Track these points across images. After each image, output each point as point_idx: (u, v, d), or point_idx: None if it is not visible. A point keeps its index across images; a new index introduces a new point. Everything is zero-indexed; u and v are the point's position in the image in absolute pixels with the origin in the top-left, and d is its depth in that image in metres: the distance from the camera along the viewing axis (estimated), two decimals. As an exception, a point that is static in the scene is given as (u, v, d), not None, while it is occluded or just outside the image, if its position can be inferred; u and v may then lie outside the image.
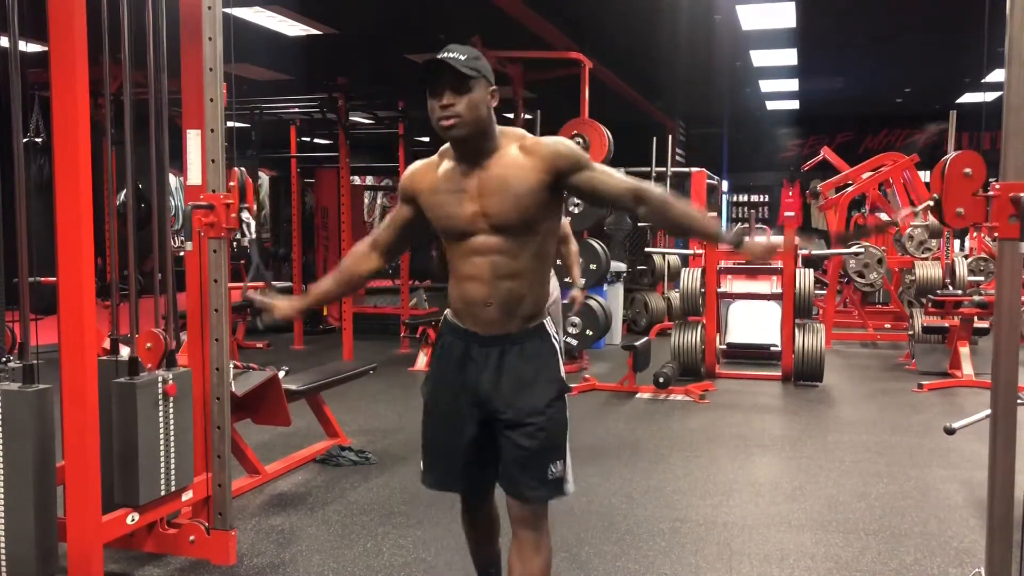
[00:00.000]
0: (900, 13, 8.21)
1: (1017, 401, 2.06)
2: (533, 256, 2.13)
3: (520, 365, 2.16)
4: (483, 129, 2.09)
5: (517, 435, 2.15)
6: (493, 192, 2.08)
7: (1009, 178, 1.98)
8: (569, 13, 7.68)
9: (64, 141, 2.55)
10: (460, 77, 2.06)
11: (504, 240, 2.10)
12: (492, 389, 2.16)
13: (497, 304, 2.13)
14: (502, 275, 2.12)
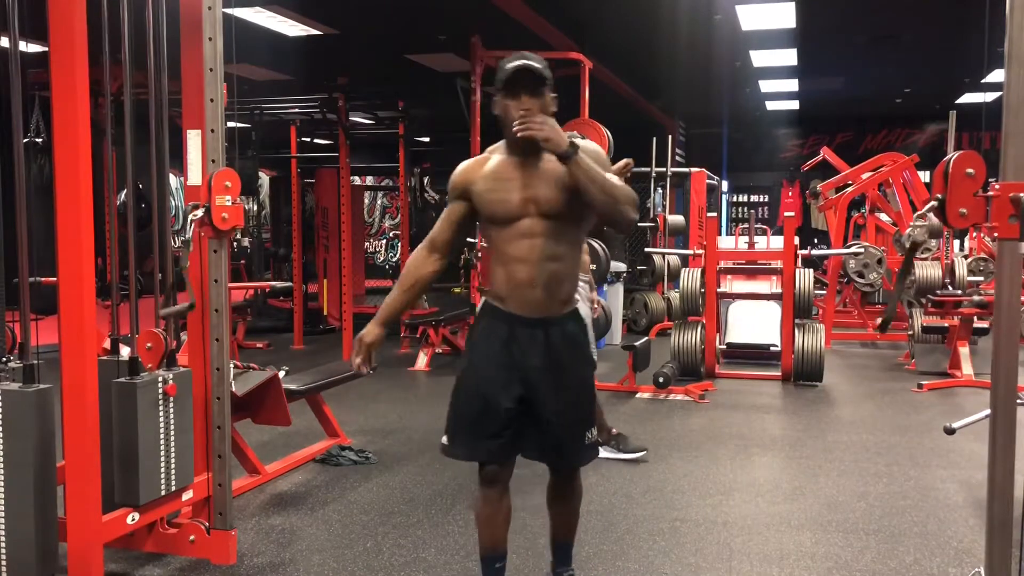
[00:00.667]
0: (900, 13, 8.20)
1: (1017, 401, 2.06)
2: (571, 243, 2.40)
3: (563, 346, 2.41)
4: None
5: (565, 410, 2.42)
6: (543, 182, 2.34)
7: (1009, 178, 1.98)
8: (569, 13, 7.67)
9: (64, 141, 2.55)
10: (538, 83, 2.32)
11: (549, 225, 2.33)
12: (540, 368, 2.39)
13: (542, 285, 2.35)
14: (547, 257, 2.34)
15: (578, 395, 2.48)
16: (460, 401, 2.50)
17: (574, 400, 2.46)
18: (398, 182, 9.16)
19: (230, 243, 3.03)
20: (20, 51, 2.68)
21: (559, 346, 2.41)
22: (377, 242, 16.75)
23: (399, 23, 7.56)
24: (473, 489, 2.60)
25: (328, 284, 9.59)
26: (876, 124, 15.45)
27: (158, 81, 2.93)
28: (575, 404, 2.46)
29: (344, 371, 4.92)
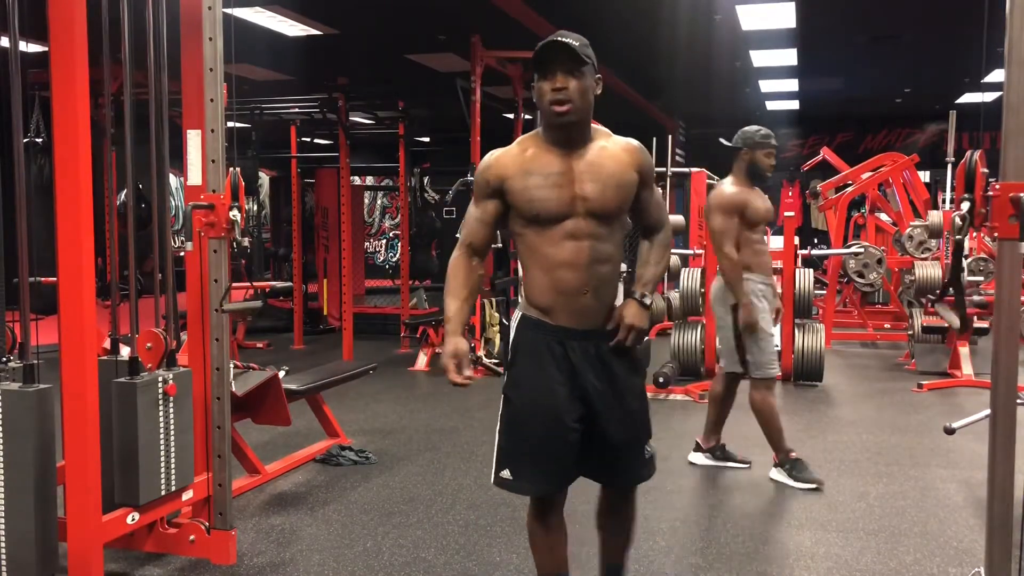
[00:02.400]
0: (900, 13, 8.20)
1: (1017, 401, 2.06)
2: (616, 245, 2.23)
3: (616, 360, 2.24)
4: (587, 117, 2.15)
5: (625, 425, 2.26)
6: (593, 178, 2.14)
7: (1009, 178, 1.98)
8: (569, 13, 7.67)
9: (64, 141, 2.55)
10: (574, 61, 2.08)
11: (598, 225, 2.15)
12: (597, 384, 2.21)
13: (592, 291, 2.18)
14: (597, 260, 2.17)
15: (635, 407, 2.30)
16: (517, 429, 2.25)
17: (632, 413, 2.28)
18: (398, 182, 9.16)
19: (230, 243, 3.03)
20: (20, 51, 2.68)
21: (613, 361, 2.24)
22: (377, 242, 16.75)
23: (399, 23, 7.56)
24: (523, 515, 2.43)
25: (328, 284, 9.59)
26: (876, 124, 15.45)
27: (158, 81, 2.93)
28: (633, 417, 2.29)
29: (344, 371, 4.92)
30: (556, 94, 2.08)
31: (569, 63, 2.08)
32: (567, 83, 2.08)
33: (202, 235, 2.96)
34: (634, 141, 2.24)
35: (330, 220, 9.65)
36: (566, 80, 2.08)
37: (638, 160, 2.22)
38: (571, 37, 2.11)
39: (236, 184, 2.94)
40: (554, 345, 2.20)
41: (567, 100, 2.08)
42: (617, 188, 2.16)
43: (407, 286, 8.99)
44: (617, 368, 2.24)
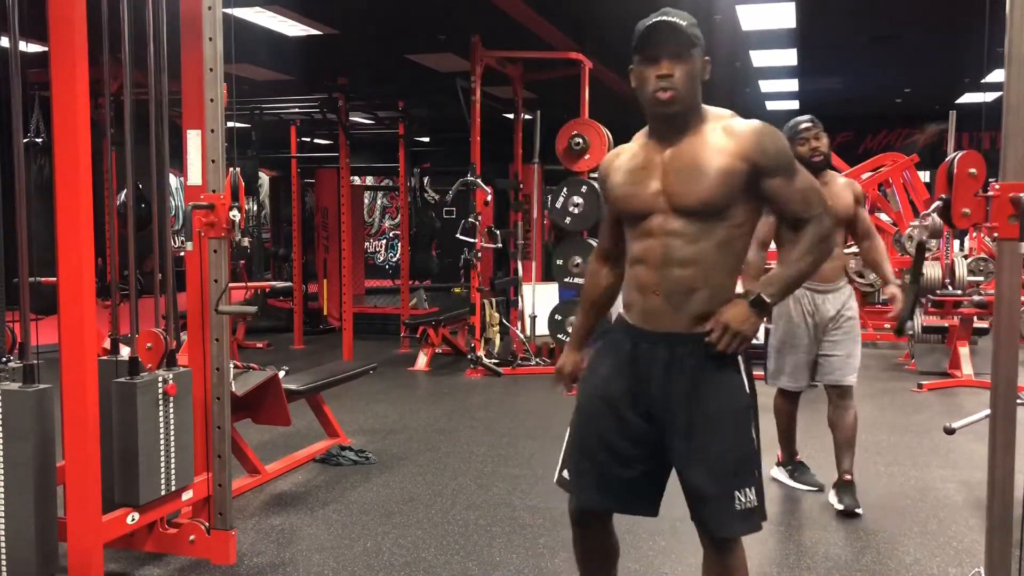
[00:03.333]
0: (900, 13, 8.20)
1: (1017, 401, 2.06)
2: (715, 247, 1.92)
3: (694, 370, 1.94)
4: (695, 103, 1.94)
5: (697, 456, 1.92)
6: (680, 170, 1.92)
7: (1009, 178, 1.98)
8: (569, 13, 7.67)
9: (64, 141, 2.55)
10: (682, 43, 1.87)
11: (683, 223, 1.92)
12: (663, 397, 1.95)
13: (664, 293, 1.95)
14: (673, 261, 1.93)
15: (717, 437, 1.92)
16: (573, 425, 2.10)
17: (710, 444, 1.91)
18: (398, 182, 9.16)
19: (230, 243, 3.03)
20: (20, 51, 2.68)
21: (688, 370, 1.94)
22: (377, 242, 16.75)
23: (399, 23, 7.56)
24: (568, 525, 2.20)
25: (328, 284, 9.59)
26: (876, 124, 15.44)
27: (158, 81, 2.93)
28: (711, 449, 1.91)
29: (344, 371, 4.92)
30: (661, 81, 1.87)
31: (676, 46, 1.87)
32: (673, 69, 1.87)
33: (202, 235, 2.96)
34: (752, 123, 1.93)
35: (330, 220, 9.65)
36: (672, 66, 1.87)
37: (745, 145, 1.89)
38: (677, 15, 1.89)
39: (236, 184, 2.94)
40: (625, 343, 2.01)
41: (672, 88, 1.87)
42: (702, 180, 1.88)
43: (407, 286, 8.99)
44: (694, 385, 1.93)
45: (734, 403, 1.95)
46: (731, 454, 1.93)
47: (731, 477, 1.91)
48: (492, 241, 7.12)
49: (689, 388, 1.93)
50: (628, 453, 2.00)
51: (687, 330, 1.95)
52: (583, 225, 6.94)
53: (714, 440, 1.92)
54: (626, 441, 2.00)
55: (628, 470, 2.01)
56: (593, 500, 2.08)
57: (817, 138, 3.58)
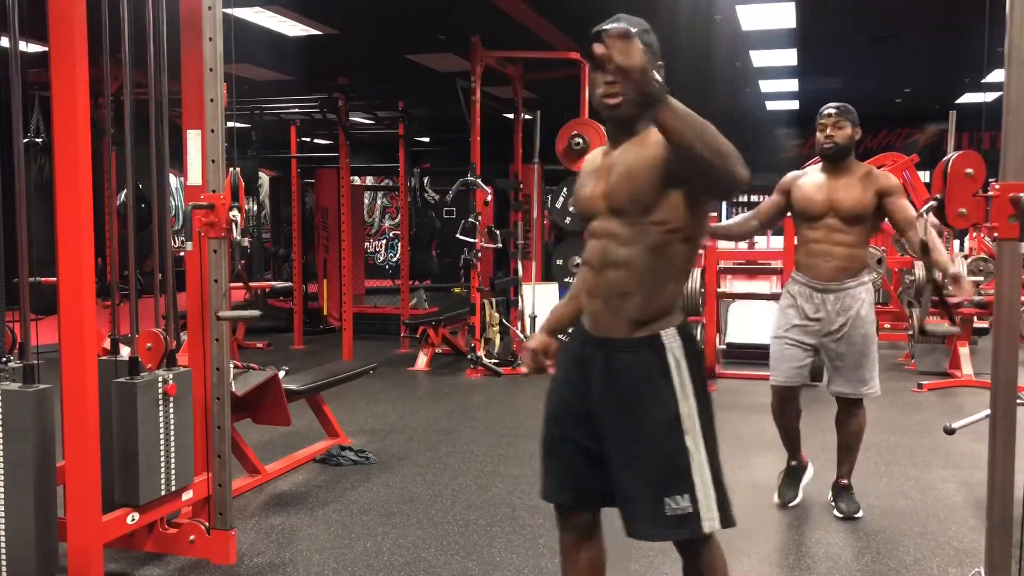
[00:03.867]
0: (900, 13, 8.20)
1: (1017, 401, 2.06)
2: (648, 250, 1.90)
3: (627, 378, 1.95)
4: (644, 109, 1.92)
5: (629, 462, 1.95)
6: (619, 172, 1.94)
7: (1009, 178, 1.98)
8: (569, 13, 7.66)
9: (64, 141, 2.55)
10: None
11: (617, 224, 1.93)
12: (599, 399, 1.98)
13: (602, 296, 1.97)
14: (610, 263, 1.94)
15: (646, 444, 1.93)
16: (543, 427, 2.13)
17: (639, 450, 1.93)
18: (398, 182, 9.16)
19: (230, 243, 3.03)
20: (20, 51, 2.68)
21: (622, 376, 1.95)
22: (377, 242, 16.75)
23: (399, 23, 7.56)
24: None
25: (328, 284, 9.59)
26: (876, 124, 15.43)
27: (158, 81, 2.93)
28: (640, 456, 1.93)
29: (344, 371, 4.92)
30: (609, 87, 1.91)
31: None
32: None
33: (202, 235, 2.96)
34: None
35: (330, 220, 9.65)
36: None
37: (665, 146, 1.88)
38: (627, 21, 1.92)
39: (236, 184, 2.95)
40: (576, 345, 2.06)
41: (620, 94, 1.90)
42: (634, 177, 1.90)
43: (407, 286, 8.99)
44: (628, 392, 1.95)
45: (665, 411, 1.92)
46: (660, 461, 1.92)
47: (660, 483, 1.91)
48: (492, 241, 7.12)
49: (622, 394, 1.95)
50: (585, 450, 2.02)
51: (623, 335, 1.96)
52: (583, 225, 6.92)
53: (643, 447, 1.93)
54: (582, 439, 2.02)
55: (588, 467, 2.03)
56: (556, 495, 2.12)
57: (836, 127, 3.44)
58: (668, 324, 1.96)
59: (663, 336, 1.95)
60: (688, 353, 1.96)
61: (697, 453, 1.92)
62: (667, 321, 1.96)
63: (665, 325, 1.96)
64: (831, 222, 3.43)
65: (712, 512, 1.92)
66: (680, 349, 1.95)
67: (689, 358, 1.96)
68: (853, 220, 3.40)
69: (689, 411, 1.93)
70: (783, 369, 3.61)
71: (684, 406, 1.93)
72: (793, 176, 3.66)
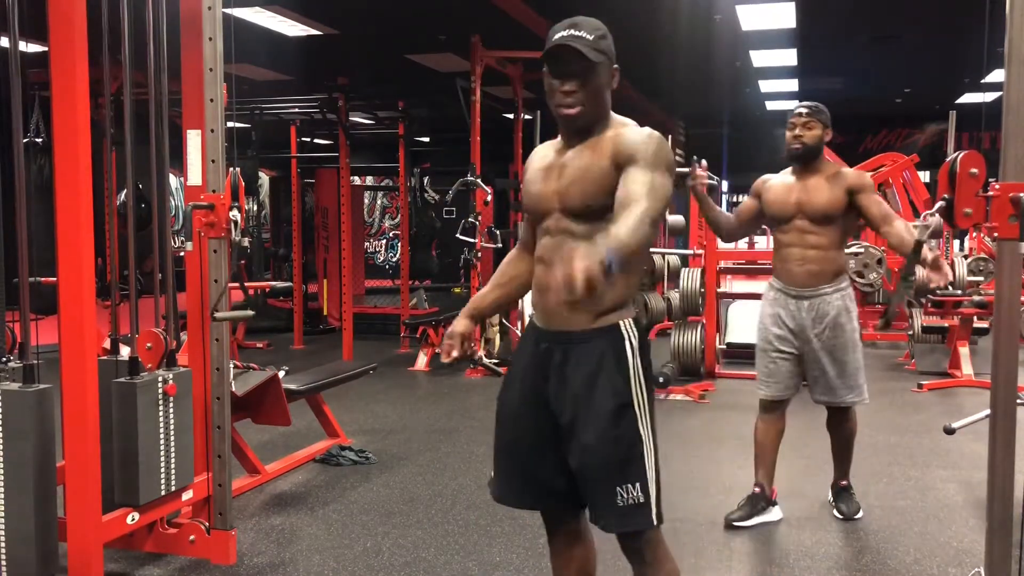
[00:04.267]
0: (900, 13, 8.20)
1: (1017, 401, 2.06)
2: None
3: (581, 369, 1.96)
4: (600, 114, 1.99)
5: (585, 454, 1.95)
6: (572, 172, 1.97)
7: (1009, 178, 1.98)
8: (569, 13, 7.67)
9: (64, 141, 2.55)
10: (586, 65, 1.91)
11: (572, 222, 1.96)
12: (556, 395, 1.99)
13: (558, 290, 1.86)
14: (565, 258, 1.93)
15: (601, 437, 1.93)
16: (496, 434, 2.13)
17: (592, 440, 1.94)
18: (398, 182, 9.16)
19: (230, 243, 3.03)
20: (20, 51, 2.68)
21: (577, 368, 1.97)
22: (377, 242, 16.75)
23: (399, 23, 7.56)
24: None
25: (328, 284, 9.59)
26: (876, 124, 15.46)
27: (158, 81, 2.93)
28: (597, 449, 1.94)
29: (344, 371, 4.92)
30: (566, 97, 1.94)
31: (580, 64, 1.91)
32: (576, 87, 1.92)
33: (202, 235, 2.96)
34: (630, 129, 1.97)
35: (330, 220, 9.65)
36: (576, 84, 1.92)
37: (616, 145, 1.93)
38: (586, 28, 1.95)
39: (236, 184, 2.95)
40: (531, 342, 2.07)
41: (576, 104, 1.93)
42: (586, 183, 1.94)
43: (407, 286, 8.99)
44: (583, 384, 1.96)
45: (620, 398, 1.95)
46: (613, 450, 1.94)
47: (613, 473, 1.93)
48: (492, 241, 7.12)
49: (577, 386, 1.96)
50: (540, 451, 2.03)
51: (581, 327, 1.97)
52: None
53: (596, 436, 1.94)
54: (538, 439, 2.03)
55: (543, 468, 2.04)
56: (509, 497, 2.14)
57: (806, 127, 3.34)
58: (625, 316, 1.99)
59: (622, 326, 1.98)
60: (642, 343, 2.01)
61: (648, 443, 1.98)
62: (624, 312, 1.99)
63: (623, 316, 1.99)
64: (801, 224, 3.36)
65: (659, 505, 1.96)
66: (636, 339, 1.99)
67: (642, 350, 2.01)
68: (823, 220, 3.33)
69: (641, 400, 1.99)
70: (768, 382, 3.59)
71: (638, 395, 1.99)
72: (764, 179, 3.56)
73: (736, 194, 16.77)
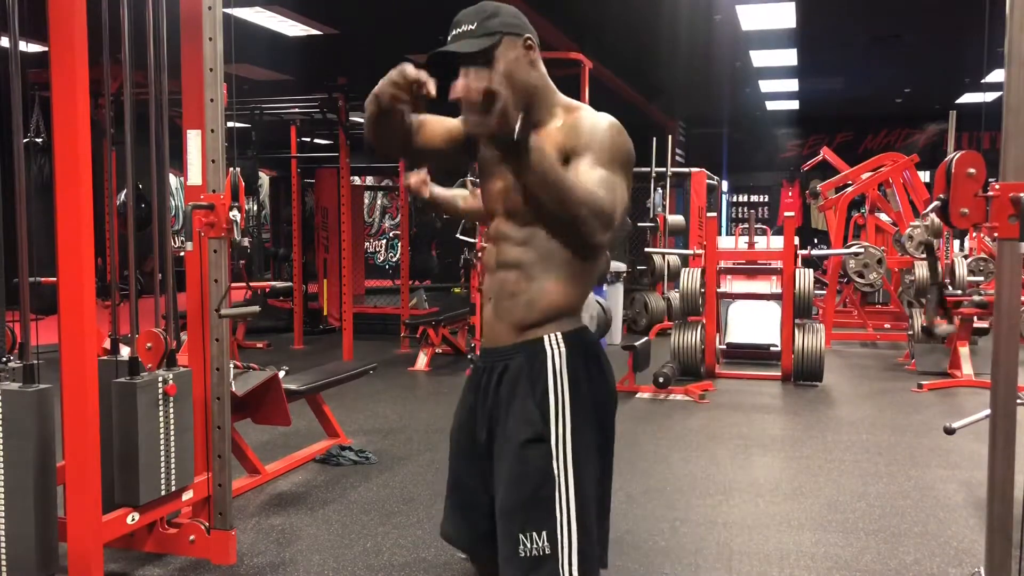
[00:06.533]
0: (900, 13, 8.21)
1: (1017, 401, 2.06)
2: (541, 252, 1.68)
3: (501, 394, 1.71)
4: (528, 97, 1.69)
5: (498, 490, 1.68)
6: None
7: (1009, 178, 1.98)
8: (569, 13, 7.67)
9: (64, 141, 2.55)
10: (479, 60, 1.62)
11: (513, 226, 1.71)
12: (484, 420, 1.75)
13: (494, 298, 1.75)
14: (502, 263, 1.73)
15: (511, 472, 1.64)
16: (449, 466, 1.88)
17: (506, 478, 1.65)
18: (398, 182, 9.16)
19: (230, 243, 3.03)
20: (20, 51, 2.68)
21: (502, 389, 1.71)
22: (377, 242, 16.74)
23: (399, 23, 7.57)
24: None
25: (328, 284, 9.60)
26: (876, 124, 15.46)
27: (158, 81, 2.93)
28: (501, 488, 1.66)
29: (344, 371, 4.92)
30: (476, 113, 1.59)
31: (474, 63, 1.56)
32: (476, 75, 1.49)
33: (202, 235, 2.96)
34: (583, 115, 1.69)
35: (330, 220, 9.65)
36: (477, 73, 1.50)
37: (565, 131, 1.68)
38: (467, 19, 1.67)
39: (236, 184, 2.95)
40: (477, 365, 1.82)
41: None
42: None
43: (407, 286, 8.99)
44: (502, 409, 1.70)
45: (527, 431, 1.64)
46: (516, 490, 1.63)
47: (516, 517, 1.62)
48: (492, 241, 7.11)
49: (498, 407, 1.71)
50: (481, 487, 1.75)
51: (507, 342, 1.72)
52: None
53: (502, 473, 1.67)
54: (477, 472, 1.76)
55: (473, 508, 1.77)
56: (449, 534, 1.86)
57: None
58: (556, 328, 1.70)
59: (545, 340, 1.69)
60: (575, 362, 1.69)
61: (563, 483, 1.62)
62: (555, 325, 1.70)
63: (551, 330, 1.69)
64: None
65: (571, 557, 1.62)
66: (564, 356, 1.68)
67: (576, 368, 1.68)
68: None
69: (562, 432, 1.64)
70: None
71: (556, 425, 1.64)
72: None
73: (736, 194, 16.78)
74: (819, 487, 4.00)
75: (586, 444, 1.66)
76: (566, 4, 7.46)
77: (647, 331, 8.55)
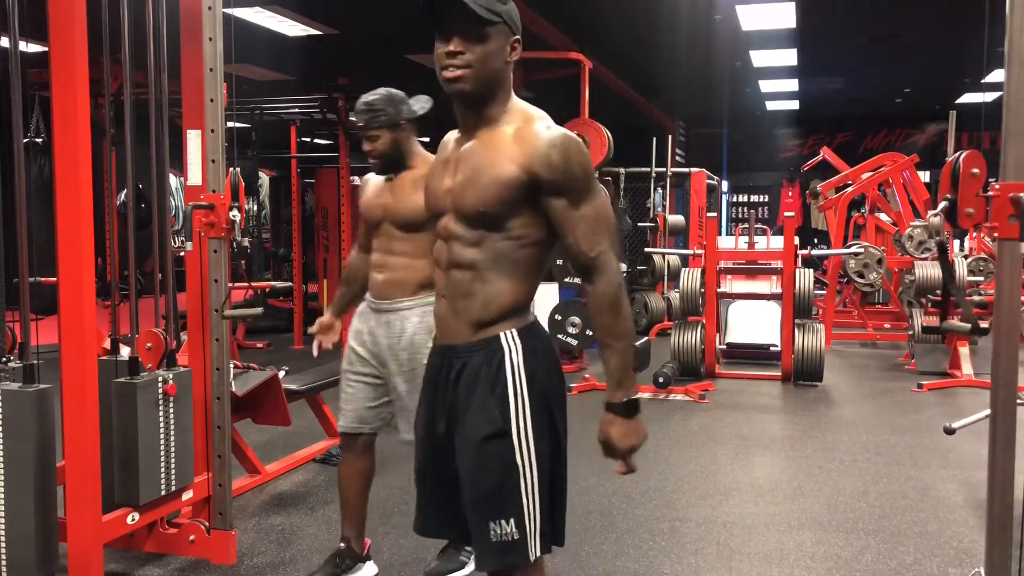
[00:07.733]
0: (900, 13, 8.21)
1: (1017, 401, 2.06)
2: (493, 254, 1.74)
3: (461, 389, 1.78)
4: (493, 89, 1.74)
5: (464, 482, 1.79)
6: (466, 171, 1.74)
7: (1009, 178, 1.98)
8: (569, 13, 7.67)
9: (64, 141, 2.55)
10: (476, 20, 1.67)
11: (464, 227, 1.74)
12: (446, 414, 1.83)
13: (448, 296, 1.79)
14: (454, 263, 1.76)
15: (476, 466, 1.75)
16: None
17: (470, 472, 1.76)
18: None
19: (230, 243, 3.03)
20: (20, 51, 2.68)
21: (461, 386, 1.78)
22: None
23: (399, 23, 7.56)
24: None
25: (328, 284, 9.59)
26: (876, 124, 15.46)
27: (158, 81, 2.93)
28: (468, 481, 1.77)
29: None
30: (450, 59, 1.68)
31: (468, 23, 1.66)
32: (464, 47, 1.67)
33: (202, 235, 2.96)
34: (550, 132, 1.73)
35: (330, 220, 9.65)
36: (463, 44, 1.67)
37: (530, 153, 1.68)
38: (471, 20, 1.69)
39: (236, 184, 2.94)
40: (433, 359, 1.88)
41: (459, 66, 1.68)
42: (483, 188, 1.70)
43: (407, 286, 8.97)
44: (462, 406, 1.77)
45: (493, 424, 1.72)
46: (483, 482, 1.74)
47: (485, 507, 1.74)
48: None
49: (459, 404, 1.78)
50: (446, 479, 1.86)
51: (464, 340, 1.77)
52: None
53: (467, 467, 1.77)
54: (442, 465, 1.87)
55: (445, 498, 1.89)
56: (421, 527, 2.02)
57: (370, 139, 2.78)
58: (510, 326, 1.76)
59: (502, 338, 1.75)
60: (530, 357, 1.76)
61: (527, 471, 1.73)
62: (510, 323, 1.76)
63: (507, 327, 1.76)
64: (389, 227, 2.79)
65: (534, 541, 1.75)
66: (520, 353, 1.75)
67: (531, 363, 1.76)
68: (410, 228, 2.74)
69: (523, 424, 1.73)
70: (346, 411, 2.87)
71: (517, 419, 1.73)
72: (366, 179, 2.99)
73: (736, 194, 16.78)
74: (819, 487, 4.00)
75: (544, 434, 1.76)
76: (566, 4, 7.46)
77: (647, 331, 8.55)
